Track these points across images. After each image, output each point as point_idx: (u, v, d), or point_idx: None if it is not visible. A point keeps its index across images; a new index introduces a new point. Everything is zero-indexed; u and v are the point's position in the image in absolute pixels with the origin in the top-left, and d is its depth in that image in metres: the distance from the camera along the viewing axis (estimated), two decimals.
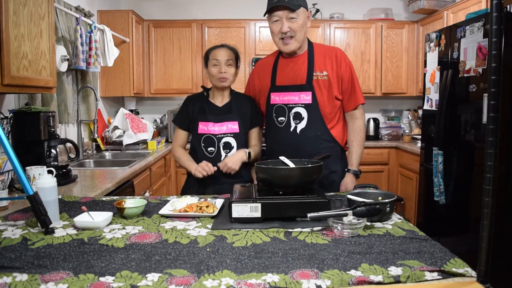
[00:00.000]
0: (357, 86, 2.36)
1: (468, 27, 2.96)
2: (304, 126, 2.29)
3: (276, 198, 1.62)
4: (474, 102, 2.89)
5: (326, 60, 2.31)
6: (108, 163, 3.84)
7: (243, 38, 5.07)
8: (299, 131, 2.30)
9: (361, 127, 2.38)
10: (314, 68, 2.29)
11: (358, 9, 5.39)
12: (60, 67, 3.14)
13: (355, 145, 2.36)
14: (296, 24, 2.21)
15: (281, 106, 2.33)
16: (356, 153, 2.36)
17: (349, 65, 2.34)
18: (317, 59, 2.31)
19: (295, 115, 2.30)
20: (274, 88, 2.36)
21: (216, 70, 2.35)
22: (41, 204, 1.50)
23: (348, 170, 2.36)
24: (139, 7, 5.25)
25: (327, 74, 2.28)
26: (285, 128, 2.33)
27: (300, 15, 2.21)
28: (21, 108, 2.58)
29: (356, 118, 2.38)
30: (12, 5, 2.05)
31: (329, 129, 2.32)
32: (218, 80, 2.35)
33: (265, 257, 1.25)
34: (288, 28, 2.21)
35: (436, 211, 3.32)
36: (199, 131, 2.38)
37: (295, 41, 2.26)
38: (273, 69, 2.39)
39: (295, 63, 2.34)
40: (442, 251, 1.28)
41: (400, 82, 5.15)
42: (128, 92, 4.53)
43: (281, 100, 2.33)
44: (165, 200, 1.94)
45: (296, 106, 2.30)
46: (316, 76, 2.28)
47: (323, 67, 2.29)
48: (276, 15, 2.23)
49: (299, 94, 2.29)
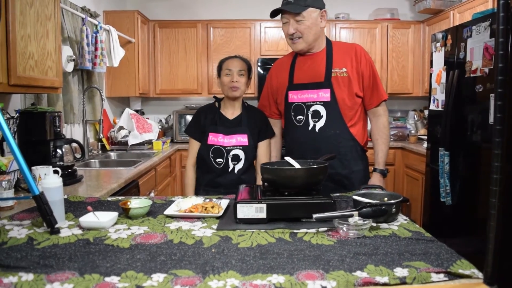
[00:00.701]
0: (379, 82, 2.31)
1: (474, 27, 2.94)
2: (323, 125, 2.25)
3: (282, 198, 1.62)
4: (480, 102, 2.87)
5: (345, 57, 2.26)
6: (113, 163, 3.85)
7: (249, 38, 5.07)
8: (317, 130, 2.26)
9: (385, 124, 2.32)
10: (333, 65, 2.25)
11: (363, 9, 5.38)
12: (66, 68, 3.15)
13: (380, 143, 2.31)
14: (302, 26, 2.19)
15: (299, 105, 2.30)
16: (382, 152, 2.31)
17: (370, 61, 2.28)
18: (336, 56, 2.27)
19: (313, 113, 2.26)
20: (292, 86, 2.33)
21: (228, 80, 2.37)
22: (47, 204, 1.50)
23: (375, 169, 2.31)
24: (145, 8, 5.26)
25: (346, 70, 2.23)
26: (303, 126, 2.29)
27: (308, 16, 2.18)
28: (27, 108, 2.60)
29: (379, 115, 2.32)
30: (19, 6, 2.06)
31: (349, 127, 2.26)
32: (230, 89, 2.37)
33: (270, 258, 1.25)
34: (294, 29, 2.20)
35: (442, 212, 3.31)
36: (209, 142, 2.41)
37: (303, 41, 2.24)
38: (290, 67, 2.36)
39: (313, 60, 2.30)
40: (448, 252, 1.27)
41: (406, 82, 5.13)
42: (134, 92, 4.54)
43: (299, 99, 2.30)
44: (170, 201, 1.94)
45: (314, 104, 2.26)
46: (335, 73, 2.24)
47: (342, 63, 2.25)
48: (284, 17, 2.23)
49: (318, 92, 2.25)
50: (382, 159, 2.30)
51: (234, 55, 2.48)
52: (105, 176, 2.85)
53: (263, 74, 4.96)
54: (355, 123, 2.29)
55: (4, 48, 1.97)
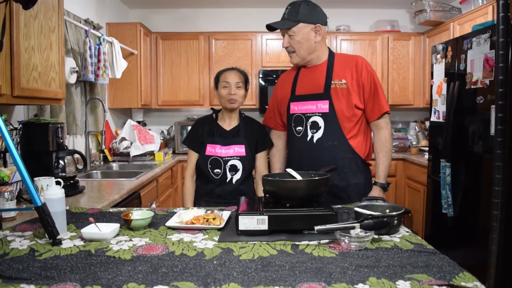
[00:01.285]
0: (381, 94, 2.27)
1: (474, 39, 2.96)
2: (321, 136, 2.25)
3: (283, 210, 1.61)
4: (481, 113, 2.88)
5: (346, 68, 2.26)
6: (115, 174, 3.86)
7: (250, 50, 5.10)
8: (315, 141, 2.26)
9: (386, 137, 2.28)
10: (333, 76, 2.25)
11: (364, 21, 5.41)
12: (69, 79, 3.17)
13: (381, 156, 2.28)
14: (293, 41, 2.22)
15: (299, 116, 2.31)
16: (383, 165, 2.27)
17: (371, 72, 2.26)
18: (336, 67, 2.27)
19: (312, 124, 2.26)
20: (294, 97, 2.34)
21: (226, 92, 2.40)
22: (49, 215, 1.50)
23: (375, 183, 2.29)
24: (147, 20, 5.31)
25: (345, 82, 2.23)
26: (302, 137, 2.29)
27: (298, 31, 2.20)
28: (30, 119, 2.61)
29: (381, 128, 2.29)
30: (23, 18, 2.08)
31: (348, 139, 2.24)
32: (228, 101, 2.40)
33: (272, 270, 1.24)
34: (287, 44, 2.25)
35: (444, 223, 3.30)
36: (207, 153, 2.42)
37: (296, 56, 2.27)
38: (294, 79, 2.38)
39: (314, 72, 2.31)
40: (450, 264, 1.26)
41: (407, 94, 5.14)
42: (136, 104, 4.56)
43: (300, 110, 2.31)
44: (172, 212, 1.94)
45: (313, 115, 2.26)
46: (335, 85, 2.23)
47: (342, 75, 2.24)
48: (280, 31, 2.28)
49: (317, 103, 2.25)
50: (382, 173, 2.27)
51: (231, 67, 2.51)
52: (107, 187, 2.85)
53: (264, 85, 4.98)
54: (355, 135, 2.27)
55: (8, 60, 1.98)
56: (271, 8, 5.26)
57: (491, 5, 3.61)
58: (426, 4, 4.66)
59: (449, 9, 4.68)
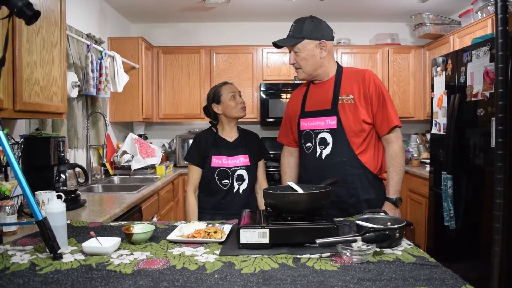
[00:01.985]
0: (390, 108, 2.22)
1: (474, 52, 2.98)
2: (329, 152, 2.22)
3: (285, 224, 1.61)
4: (482, 126, 2.88)
5: (353, 83, 2.23)
6: (116, 187, 3.85)
7: (251, 64, 5.13)
8: (324, 157, 2.23)
9: (397, 152, 2.20)
10: (340, 92, 2.23)
11: (364, 35, 5.45)
12: (70, 93, 3.18)
13: (391, 171, 2.20)
14: (299, 57, 2.23)
15: (308, 132, 2.30)
16: (393, 180, 2.19)
17: (379, 86, 2.21)
18: (344, 82, 2.25)
19: (320, 141, 2.25)
20: (303, 114, 2.34)
21: (235, 102, 2.46)
22: (50, 229, 1.50)
23: (386, 198, 2.21)
24: (149, 34, 5.35)
25: (353, 97, 2.20)
26: (311, 154, 2.28)
27: (303, 48, 2.21)
28: (32, 133, 2.62)
29: (391, 142, 2.22)
30: (26, 33, 2.10)
31: (357, 154, 2.20)
32: (240, 110, 2.47)
33: (273, 284, 1.24)
34: (293, 60, 2.26)
35: (447, 236, 3.28)
36: (213, 165, 2.44)
37: (302, 72, 2.27)
38: (304, 96, 2.39)
39: (322, 88, 2.31)
40: (453, 277, 1.25)
41: (407, 106, 5.16)
42: (137, 117, 4.58)
43: (309, 126, 2.30)
44: (173, 226, 1.94)
45: (321, 131, 2.25)
46: (342, 100, 2.22)
47: (349, 90, 2.22)
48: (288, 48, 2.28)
49: (325, 119, 2.24)
50: (392, 188, 2.20)
51: (224, 82, 2.58)
52: (108, 201, 2.85)
53: (265, 98, 4.99)
54: (365, 150, 2.22)
55: (10, 75, 2.00)
56: (272, 22, 5.31)
57: (490, 18, 3.64)
58: (426, 17, 4.69)
59: (448, 22, 4.72)
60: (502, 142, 1.04)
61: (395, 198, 2.19)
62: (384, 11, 4.98)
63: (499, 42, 1.06)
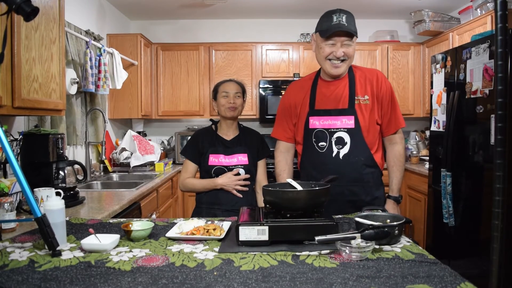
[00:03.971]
0: (398, 109, 2.31)
1: (473, 49, 2.98)
2: (347, 151, 2.23)
3: (284, 221, 1.61)
4: (481, 123, 2.88)
5: (367, 84, 2.26)
6: (115, 185, 3.85)
7: (250, 61, 5.12)
8: (341, 157, 2.23)
9: (401, 152, 2.33)
10: (356, 92, 2.24)
11: (364, 32, 5.43)
12: (69, 90, 3.18)
13: (395, 170, 2.32)
14: (351, 49, 2.18)
15: (321, 131, 2.27)
16: (396, 179, 2.31)
17: (389, 87, 2.28)
18: (359, 83, 2.26)
19: (337, 140, 2.24)
20: (313, 112, 2.29)
21: (225, 101, 2.45)
22: (49, 226, 1.50)
23: (389, 196, 2.31)
24: (148, 31, 5.34)
25: (368, 98, 2.23)
26: (326, 153, 2.26)
27: (354, 41, 2.20)
28: (31, 130, 2.61)
29: (395, 143, 2.33)
30: (24, 30, 2.10)
31: (373, 154, 2.26)
32: (228, 109, 2.44)
33: (272, 281, 1.24)
34: (343, 53, 2.17)
35: (446, 233, 3.28)
36: (210, 163, 2.45)
37: (345, 65, 2.22)
38: (311, 92, 2.33)
39: (336, 86, 2.28)
40: (452, 275, 1.26)
41: (406, 103, 5.15)
42: (136, 114, 4.57)
43: (322, 125, 2.26)
44: (172, 223, 1.94)
45: (338, 130, 2.24)
46: (358, 101, 2.23)
47: (364, 91, 2.24)
48: (333, 39, 2.17)
49: (341, 119, 2.23)
50: (396, 186, 2.31)
51: (229, 79, 2.57)
52: (107, 198, 2.84)
53: (264, 95, 4.99)
54: (377, 150, 2.28)
55: (9, 71, 1.99)
56: (271, 19, 5.29)
57: (489, 15, 3.63)
58: (425, 14, 4.69)
59: (448, 19, 4.71)
60: (501, 139, 1.04)
61: (399, 196, 2.31)
62: (383, 8, 4.98)
63: (498, 39, 1.05)
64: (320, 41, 2.21)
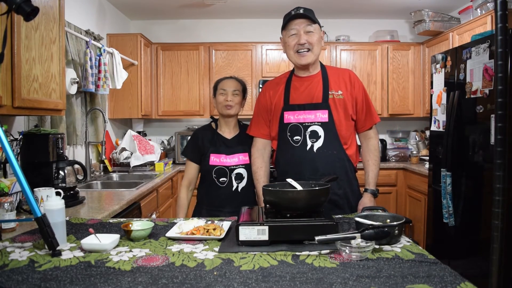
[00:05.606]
0: (372, 106, 2.37)
1: (473, 49, 2.98)
2: (321, 145, 2.26)
3: (284, 221, 1.61)
4: (481, 123, 2.88)
5: (340, 80, 2.31)
6: (115, 184, 3.85)
7: (250, 61, 5.12)
8: (315, 150, 2.26)
9: (375, 147, 2.38)
10: (330, 87, 2.28)
11: (364, 31, 5.44)
12: (69, 90, 3.18)
13: (371, 164, 2.35)
14: (313, 37, 2.23)
15: (296, 125, 2.30)
16: (373, 172, 2.34)
17: (362, 86, 2.34)
18: (332, 78, 2.31)
19: (311, 134, 2.27)
20: (288, 107, 2.32)
21: (223, 98, 2.44)
22: (49, 226, 1.50)
23: (366, 190, 2.33)
24: (148, 31, 5.34)
25: (342, 93, 2.28)
26: (301, 147, 2.28)
27: (316, 30, 2.24)
28: (31, 130, 2.61)
29: (370, 137, 2.38)
30: (24, 30, 2.10)
31: (345, 148, 2.29)
32: (224, 107, 2.43)
33: (272, 281, 1.24)
34: (305, 40, 2.22)
35: (446, 233, 3.28)
36: (211, 163, 2.43)
37: (312, 54, 2.25)
38: (285, 88, 2.36)
39: (310, 82, 2.32)
40: (452, 274, 1.26)
41: (406, 103, 5.15)
42: (136, 114, 4.57)
43: (296, 119, 2.30)
44: (172, 223, 1.94)
45: (312, 124, 2.27)
46: (332, 95, 2.27)
47: (338, 86, 2.29)
48: (293, 28, 2.23)
49: (315, 113, 2.27)
50: (372, 180, 2.34)
51: (230, 76, 2.56)
52: (107, 198, 2.84)
53: None
54: (350, 144, 2.32)
55: (9, 71, 1.99)
56: (271, 19, 5.30)
57: (489, 15, 3.63)
58: (425, 14, 4.69)
59: (448, 19, 4.71)
60: (501, 139, 1.04)
61: (375, 189, 2.34)
62: (383, 8, 4.98)
63: (498, 39, 1.05)
64: (285, 36, 2.31)
